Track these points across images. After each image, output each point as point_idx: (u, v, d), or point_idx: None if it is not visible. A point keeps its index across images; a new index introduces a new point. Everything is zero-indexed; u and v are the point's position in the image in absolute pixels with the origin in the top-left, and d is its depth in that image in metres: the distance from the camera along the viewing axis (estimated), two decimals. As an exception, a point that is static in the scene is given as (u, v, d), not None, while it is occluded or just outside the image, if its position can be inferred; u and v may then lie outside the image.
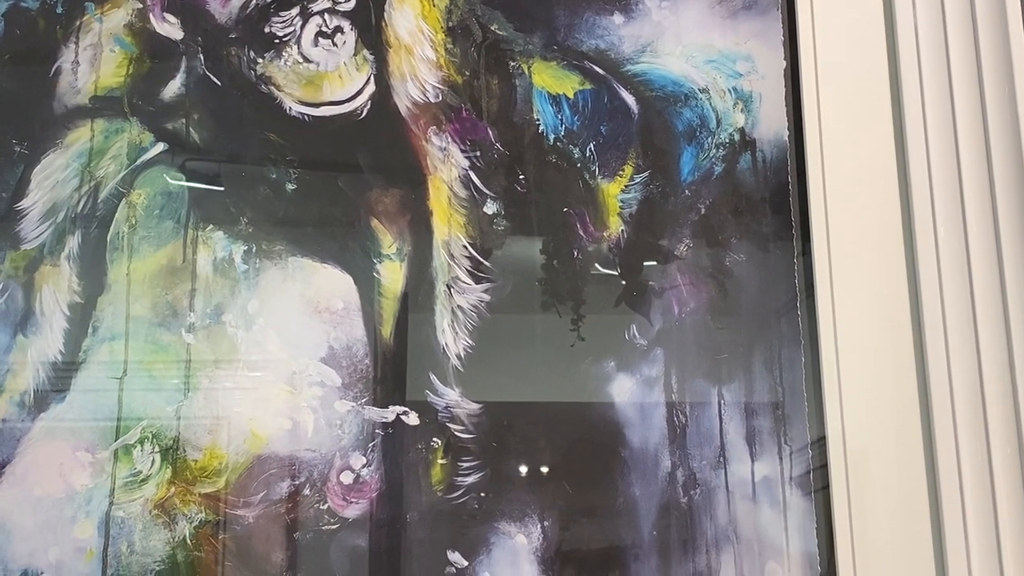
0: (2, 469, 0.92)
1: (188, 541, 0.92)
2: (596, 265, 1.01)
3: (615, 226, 1.02)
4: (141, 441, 0.94)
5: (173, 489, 0.93)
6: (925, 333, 0.96)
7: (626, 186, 1.03)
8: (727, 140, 1.04)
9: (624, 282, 1.01)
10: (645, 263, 1.01)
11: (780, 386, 0.98)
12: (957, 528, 0.92)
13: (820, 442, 0.96)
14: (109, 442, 0.94)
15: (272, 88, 1.03)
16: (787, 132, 1.04)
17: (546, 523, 0.95)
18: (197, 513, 0.93)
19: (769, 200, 1.03)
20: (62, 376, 0.95)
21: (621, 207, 1.02)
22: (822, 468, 0.96)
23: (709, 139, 1.04)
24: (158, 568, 0.91)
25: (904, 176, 1.00)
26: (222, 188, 1.00)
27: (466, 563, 0.93)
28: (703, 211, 1.03)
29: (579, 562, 0.94)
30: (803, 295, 1.00)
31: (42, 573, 0.91)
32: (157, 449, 0.94)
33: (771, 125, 1.04)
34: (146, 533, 0.92)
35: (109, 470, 0.93)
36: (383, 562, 0.93)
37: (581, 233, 1.01)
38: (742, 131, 1.04)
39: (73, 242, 0.98)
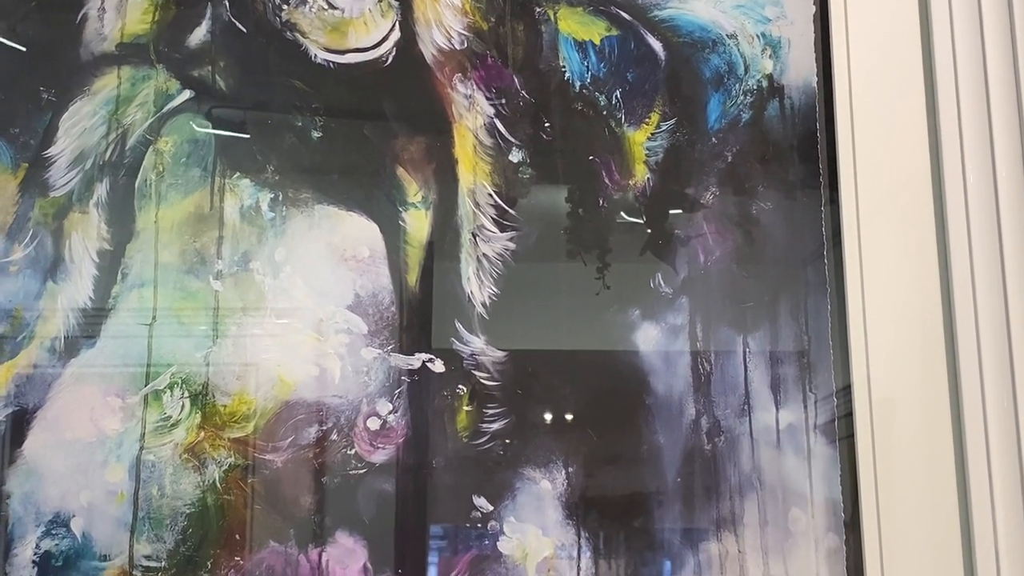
0: (33, 414, 0.94)
1: (218, 485, 0.93)
2: (621, 213, 1.01)
3: (641, 174, 1.01)
4: (171, 387, 0.95)
5: (203, 434, 0.94)
6: (952, 282, 0.95)
7: (652, 134, 1.02)
8: (755, 87, 1.03)
9: (649, 230, 1.01)
10: (671, 211, 1.01)
11: (806, 334, 0.98)
12: (982, 476, 0.92)
13: (845, 390, 0.96)
14: (139, 387, 0.95)
15: (297, 35, 1.02)
16: (816, 78, 1.03)
17: (570, 469, 0.95)
18: (227, 457, 0.94)
19: (797, 148, 1.02)
20: (92, 322, 0.96)
21: (647, 155, 1.02)
22: (847, 417, 0.96)
23: (737, 86, 1.03)
24: (188, 511, 0.93)
25: (933, 122, 0.99)
26: (248, 136, 1.00)
27: (491, 508, 0.94)
28: (730, 159, 1.02)
29: (603, 508, 0.95)
30: (830, 243, 0.99)
31: (74, 516, 0.92)
32: (187, 394, 0.95)
33: (800, 71, 1.03)
34: (176, 477, 0.93)
35: (139, 415, 0.94)
36: (410, 506, 0.94)
37: (607, 181, 1.01)
38: (770, 77, 1.03)
39: (101, 189, 0.98)
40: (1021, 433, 0.92)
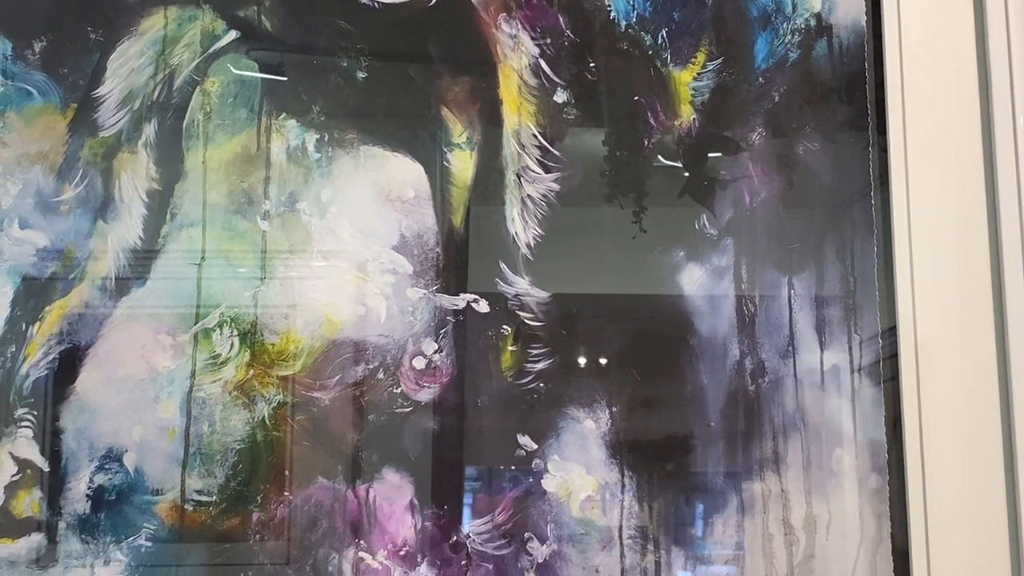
0: (86, 351, 0.95)
1: (267, 422, 0.95)
2: (659, 157, 1.00)
3: (686, 115, 1.01)
4: (220, 325, 0.96)
5: (251, 372, 0.95)
6: (1000, 223, 0.95)
7: (698, 74, 1.02)
8: (803, 26, 1.02)
9: (688, 174, 1.00)
10: (716, 153, 1.01)
11: (851, 276, 0.98)
12: (1027, 418, 0.92)
13: (890, 332, 0.96)
14: (189, 326, 0.96)
15: (342, -26, 1.02)
16: (865, 18, 1.01)
17: (614, 409, 0.96)
18: (275, 395, 0.95)
19: (844, 88, 1.01)
20: (142, 262, 0.97)
21: (693, 95, 1.01)
22: (892, 358, 0.96)
23: (784, 25, 1.02)
24: (238, 447, 0.94)
25: (983, 63, 0.98)
26: (294, 77, 1.01)
27: (535, 446, 0.95)
28: (776, 99, 1.01)
29: (646, 447, 0.96)
30: (877, 184, 0.99)
31: (126, 451, 0.94)
32: (236, 333, 0.96)
33: (848, 10, 1.02)
34: (226, 413, 0.95)
35: (189, 353, 0.95)
36: (455, 444, 0.95)
37: (652, 122, 1.01)
38: (818, 16, 1.02)
39: (150, 129, 0.99)
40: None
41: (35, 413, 0.94)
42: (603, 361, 0.97)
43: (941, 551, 0.92)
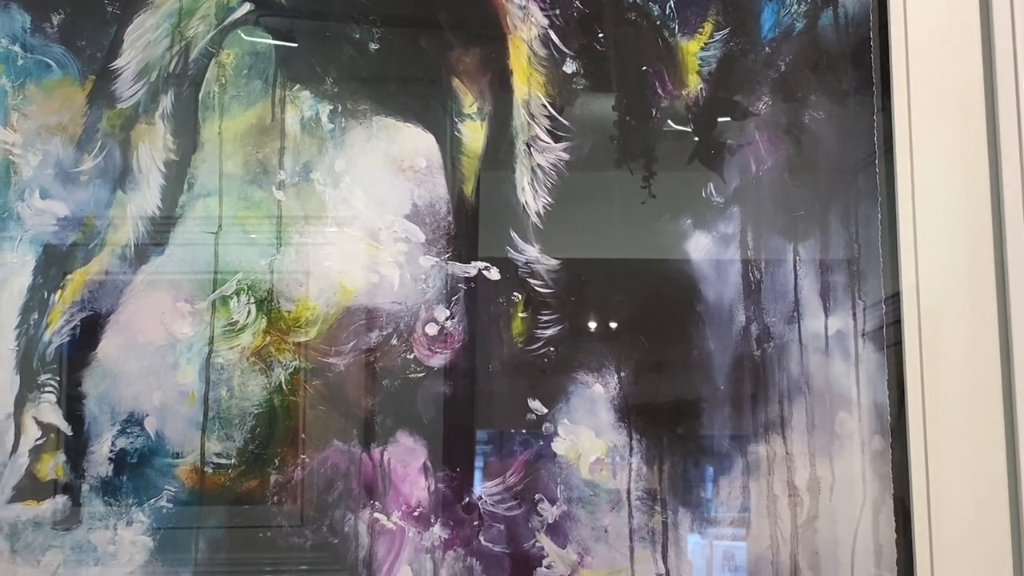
0: (106, 318, 0.98)
1: (283, 387, 0.97)
2: (669, 122, 1.02)
3: (694, 84, 1.02)
4: (237, 293, 0.98)
5: (268, 338, 0.98)
6: (1003, 190, 0.96)
7: (706, 43, 1.03)
8: (809, -5, 1.03)
9: (697, 139, 1.02)
10: (721, 120, 1.02)
11: (856, 242, 1.00)
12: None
13: (894, 298, 0.98)
14: (207, 293, 0.98)
15: (354, -54, 1.03)
16: (870, -13, 1.03)
17: (622, 374, 0.98)
18: (291, 361, 0.97)
19: (850, 56, 1.02)
20: (160, 230, 0.99)
21: (700, 65, 1.03)
22: (895, 324, 0.97)
23: (790, -6, 1.03)
24: (256, 411, 0.97)
25: (987, 30, 0.99)
26: (307, 48, 1.02)
27: (546, 410, 0.97)
28: (783, 68, 1.02)
29: (654, 411, 0.98)
30: (882, 151, 1.00)
31: (147, 415, 0.96)
32: (252, 300, 0.98)
33: (854, -21, 1.03)
34: (244, 379, 0.97)
35: (208, 320, 0.98)
36: (467, 408, 0.98)
37: (660, 92, 1.02)
38: (824, -14, 1.03)
39: (166, 101, 1.01)
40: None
41: (58, 379, 0.96)
42: (612, 327, 0.99)
43: (943, 512, 0.94)
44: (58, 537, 0.94)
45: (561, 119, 1.01)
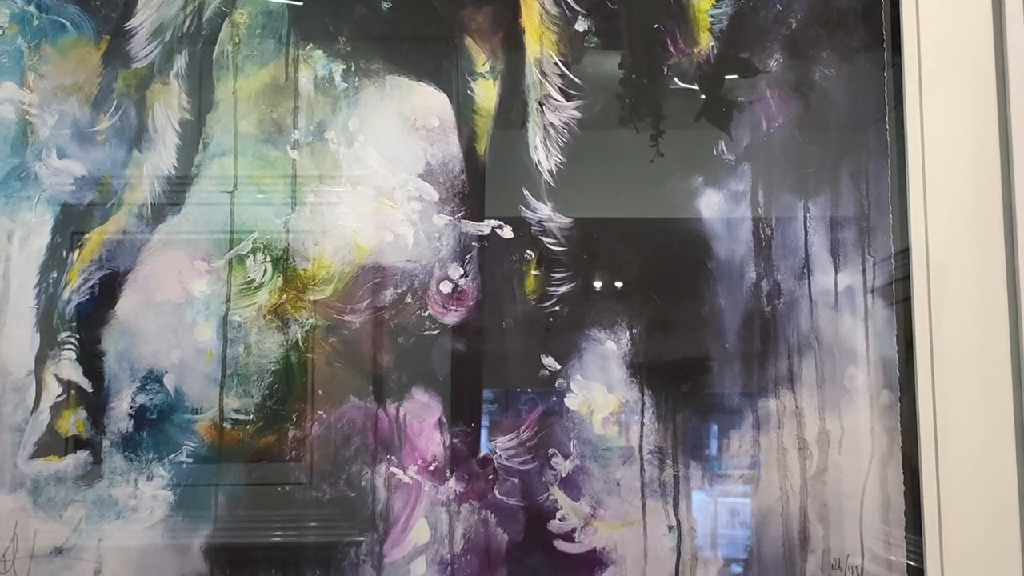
0: (124, 277, 0.99)
1: (300, 344, 0.98)
2: (675, 80, 1.02)
3: (705, 42, 1.03)
4: (253, 251, 0.99)
5: (284, 296, 0.99)
6: (1012, 146, 0.96)
7: (717, 1, 1.03)
8: (821, -48, 1.03)
9: (704, 97, 1.02)
10: (731, 77, 1.02)
11: (866, 199, 1.00)
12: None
13: (903, 254, 0.99)
14: (223, 252, 0.99)
15: (366, -95, 1.04)
16: (881, -57, 1.03)
17: (634, 330, 0.99)
18: (308, 318, 0.99)
19: (860, 12, 1.03)
20: (176, 190, 1.00)
21: (711, 23, 1.03)
22: (904, 280, 0.98)
23: (802, -49, 1.03)
24: (273, 368, 0.98)
25: (999, -12, 0.99)
26: (319, 7, 1.02)
27: (559, 366, 0.99)
28: (794, 25, 1.03)
29: (665, 366, 0.99)
30: (892, 107, 1.01)
31: (166, 372, 0.98)
32: (268, 259, 0.99)
33: (866, -64, 1.03)
34: (261, 336, 0.98)
35: (224, 278, 0.99)
36: (481, 365, 0.99)
37: (671, 50, 1.02)
38: (836, -58, 1.03)
39: (181, 61, 1.01)
40: (1076, 294, 0.95)
41: (77, 336, 0.98)
42: (623, 284, 1.00)
43: (950, 464, 0.95)
44: (80, 492, 0.96)
45: (573, 77, 1.02)
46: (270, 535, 0.96)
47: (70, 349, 0.98)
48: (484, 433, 0.98)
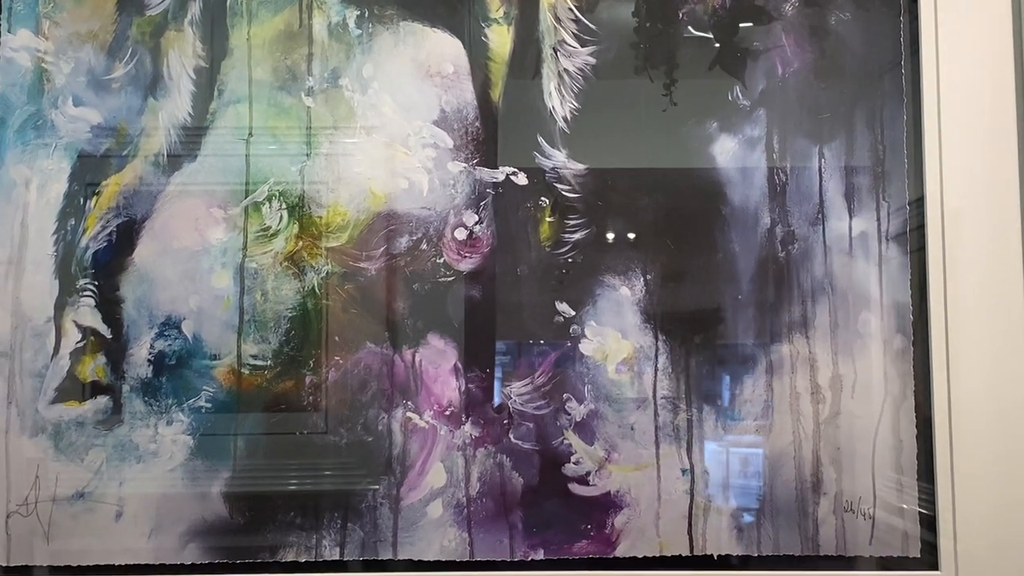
0: (142, 224, 0.99)
1: (317, 291, 0.99)
2: (689, 28, 1.02)
3: (720, -13, 1.02)
4: (269, 199, 1.00)
5: (300, 243, 0.99)
6: (1030, 91, 0.96)
7: (733, -54, 1.02)
8: None
9: (718, 45, 1.02)
10: (747, 24, 1.02)
11: (881, 144, 1.00)
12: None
13: (918, 201, 0.99)
14: (239, 200, 1.00)
15: None
16: None
17: (648, 276, 1.00)
18: (324, 265, 0.99)
19: (878, -43, 1.02)
20: (192, 138, 1.00)
21: (727, -33, 1.02)
22: (919, 229, 0.98)
23: None
24: (290, 315, 0.99)
25: (1018, -69, 0.98)
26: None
27: (573, 312, 0.99)
28: (810, -30, 1.02)
29: (679, 312, 0.99)
30: (907, 53, 1.00)
31: (184, 319, 0.99)
32: (284, 206, 1.00)
33: None
34: (278, 283, 0.99)
35: (241, 225, 0.99)
36: (496, 311, 0.99)
37: (685, -6, 1.02)
38: None
39: (195, 8, 1.01)
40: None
41: (96, 283, 0.99)
42: (638, 231, 1.00)
43: (963, 409, 0.96)
44: (100, 436, 0.97)
45: (588, 23, 1.01)
46: (288, 480, 0.98)
47: (89, 296, 0.98)
48: (507, 376, 0.99)
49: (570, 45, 1.01)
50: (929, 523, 0.97)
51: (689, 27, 1.02)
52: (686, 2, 1.02)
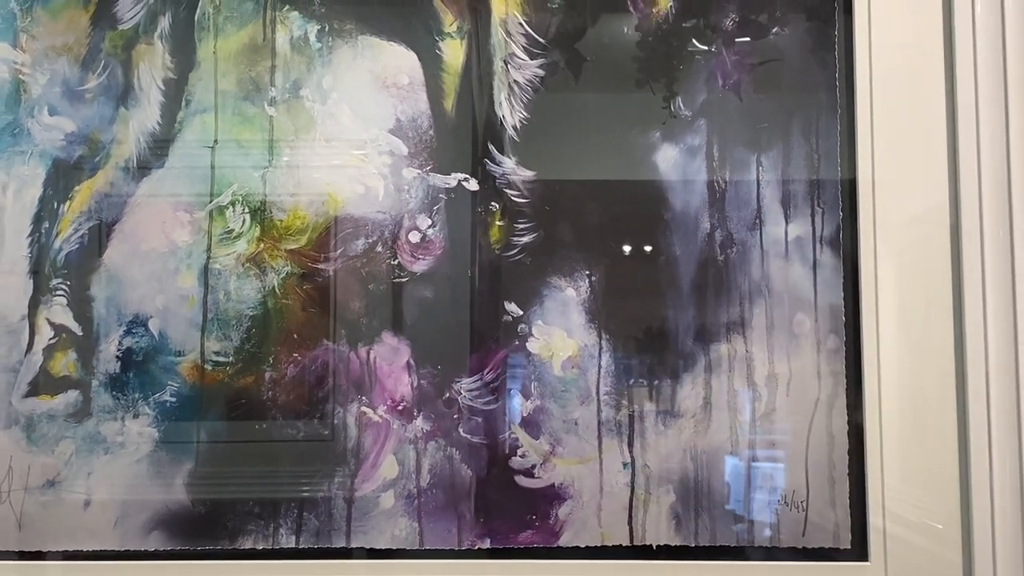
0: (112, 227, 1.05)
1: (277, 291, 1.04)
2: (694, 41, 1.06)
3: (664, 2, 1.07)
4: (233, 203, 1.05)
5: (262, 245, 1.04)
6: (958, 110, 1.01)
7: (673, -37, 1.07)
8: (772, -85, 1.07)
9: (660, 55, 1.06)
10: (686, 38, 1.07)
11: (816, 153, 1.05)
12: (975, 284, 0.99)
13: (851, 208, 1.03)
14: (204, 204, 1.05)
15: None
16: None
17: (593, 278, 1.04)
18: (284, 266, 1.04)
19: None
20: (160, 146, 1.06)
21: (668, -16, 1.07)
22: (852, 233, 1.03)
23: (754, -86, 1.07)
24: (251, 313, 1.04)
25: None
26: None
27: (521, 312, 1.04)
28: (747, -14, 1.07)
29: (622, 312, 1.04)
30: (843, 67, 1.05)
31: (151, 317, 1.04)
32: (247, 210, 1.05)
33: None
34: (240, 283, 1.04)
35: (206, 228, 1.05)
36: (447, 310, 1.04)
37: (631, 10, 1.07)
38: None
39: (164, 22, 1.07)
40: (1015, 243, 0.98)
41: (68, 283, 1.04)
42: (583, 234, 1.05)
43: (892, 405, 1.00)
44: (70, 428, 1.02)
45: (537, 36, 1.06)
46: (248, 470, 1.02)
47: (61, 295, 1.04)
48: (457, 372, 1.03)
49: (520, 58, 1.06)
50: (859, 516, 1.00)
51: (635, 43, 1.06)
52: (636, 14, 1.07)
